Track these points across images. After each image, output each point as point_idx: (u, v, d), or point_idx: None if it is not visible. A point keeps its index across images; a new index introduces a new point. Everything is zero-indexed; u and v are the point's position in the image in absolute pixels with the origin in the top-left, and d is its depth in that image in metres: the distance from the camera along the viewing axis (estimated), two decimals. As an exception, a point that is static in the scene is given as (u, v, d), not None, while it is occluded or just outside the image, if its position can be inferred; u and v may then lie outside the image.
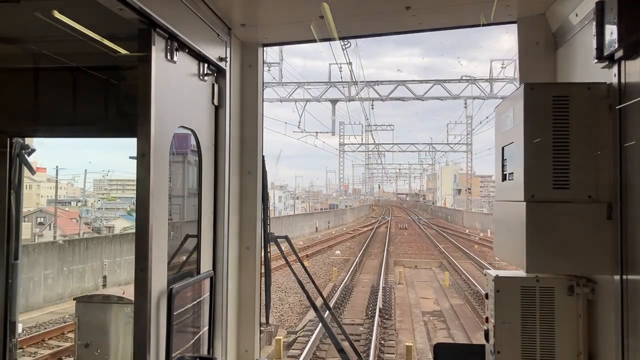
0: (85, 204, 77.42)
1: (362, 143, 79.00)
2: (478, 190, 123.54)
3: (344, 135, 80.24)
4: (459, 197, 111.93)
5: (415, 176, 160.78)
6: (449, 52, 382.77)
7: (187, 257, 3.26)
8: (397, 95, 36.84)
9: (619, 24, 2.29)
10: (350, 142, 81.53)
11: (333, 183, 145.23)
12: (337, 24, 3.46)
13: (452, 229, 61.01)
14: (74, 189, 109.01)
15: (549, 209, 2.57)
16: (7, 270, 4.50)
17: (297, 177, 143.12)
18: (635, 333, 2.24)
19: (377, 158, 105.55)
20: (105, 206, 79.43)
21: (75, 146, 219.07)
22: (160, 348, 2.61)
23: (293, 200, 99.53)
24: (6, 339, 4.50)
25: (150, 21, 2.52)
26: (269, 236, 3.86)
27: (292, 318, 18.60)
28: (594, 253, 2.52)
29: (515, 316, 2.76)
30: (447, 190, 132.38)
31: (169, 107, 2.74)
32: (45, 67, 4.41)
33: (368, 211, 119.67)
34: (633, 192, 2.31)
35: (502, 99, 3.28)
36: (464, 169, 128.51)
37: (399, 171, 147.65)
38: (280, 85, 36.68)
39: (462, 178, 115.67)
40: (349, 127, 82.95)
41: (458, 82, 36.77)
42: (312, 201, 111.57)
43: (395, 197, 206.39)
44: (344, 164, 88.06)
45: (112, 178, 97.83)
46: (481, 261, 29.68)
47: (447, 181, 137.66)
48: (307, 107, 38.36)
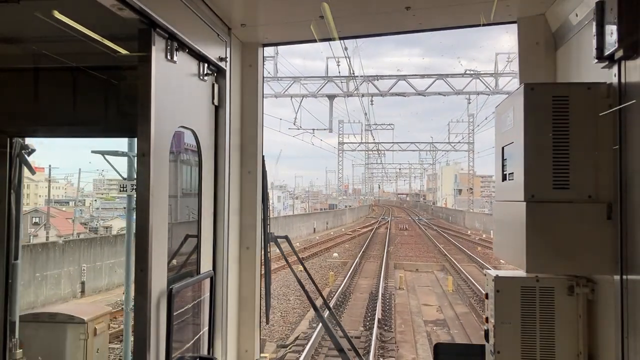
0: (83, 204, 76.99)
1: (362, 142, 77.76)
2: (479, 191, 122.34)
3: (342, 134, 79.07)
4: (459, 197, 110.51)
5: (415, 176, 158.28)
6: (449, 52, 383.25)
7: (187, 257, 3.26)
8: (397, 91, 35.32)
9: (619, 24, 2.29)
10: (350, 142, 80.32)
11: (333, 183, 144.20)
12: (337, 24, 3.46)
13: (454, 230, 59.61)
14: (73, 188, 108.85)
15: (549, 209, 2.57)
16: (7, 270, 4.50)
17: (296, 177, 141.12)
18: (635, 333, 2.24)
19: (376, 158, 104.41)
20: (103, 206, 79.06)
21: (74, 146, 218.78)
22: (160, 348, 2.61)
23: (292, 201, 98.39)
24: (6, 339, 4.51)
25: (150, 21, 2.52)
26: (269, 236, 3.86)
27: (283, 329, 17.47)
28: (594, 253, 2.52)
29: (515, 316, 2.76)
30: (447, 190, 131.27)
31: (169, 107, 2.74)
32: (45, 67, 4.41)
33: (368, 211, 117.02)
34: (633, 192, 2.31)
35: (507, 94, 3.28)
36: (464, 168, 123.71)
37: (399, 171, 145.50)
38: (275, 80, 35.18)
39: (463, 178, 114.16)
40: (348, 125, 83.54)
41: (461, 77, 34.94)
42: (311, 201, 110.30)
43: (395, 197, 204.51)
44: (343, 163, 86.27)
45: (111, 178, 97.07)
46: (485, 264, 28.51)
47: (448, 181, 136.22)
48: (305, 105, 37.67)
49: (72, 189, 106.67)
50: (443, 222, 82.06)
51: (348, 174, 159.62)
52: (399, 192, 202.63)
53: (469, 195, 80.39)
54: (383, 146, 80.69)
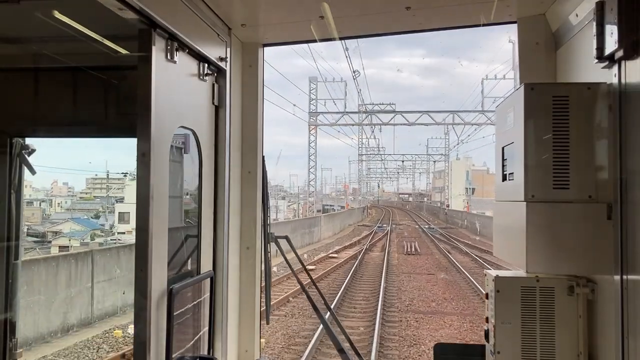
0: (51, 204, 74.54)
1: (345, 111, 53.26)
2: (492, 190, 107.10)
3: (316, 103, 54.57)
4: (473, 198, 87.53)
5: (421, 171, 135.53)
6: (449, 52, 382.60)
7: (187, 257, 3.26)
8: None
9: (619, 24, 2.29)
10: (329, 111, 54.67)
11: (329, 182, 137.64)
12: (337, 24, 3.46)
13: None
14: (59, 187, 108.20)
15: (549, 209, 2.57)
16: (7, 270, 4.50)
17: (291, 176, 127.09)
18: (635, 333, 2.24)
19: (374, 149, 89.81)
20: (74, 207, 76.08)
21: (74, 146, 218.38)
22: (160, 348, 2.61)
23: (275, 201, 67.01)
24: (6, 339, 4.51)
25: (150, 21, 2.52)
26: (269, 236, 3.86)
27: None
28: (594, 253, 2.53)
29: (515, 316, 2.76)
30: (458, 189, 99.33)
31: (169, 107, 2.74)
32: (45, 67, 4.41)
33: (360, 217, 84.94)
34: (633, 192, 2.31)
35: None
36: (476, 164, 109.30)
37: (402, 163, 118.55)
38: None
39: (476, 175, 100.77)
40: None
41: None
42: (302, 201, 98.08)
43: (396, 198, 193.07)
44: (317, 144, 57.98)
45: (101, 177, 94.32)
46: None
47: (458, 178, 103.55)
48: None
49: (58, 189, 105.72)
50: (466, 233, 54.71)
51: (345, 173, 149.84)
52: (401, 192, 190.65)
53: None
54: (379, 118, 51.71)
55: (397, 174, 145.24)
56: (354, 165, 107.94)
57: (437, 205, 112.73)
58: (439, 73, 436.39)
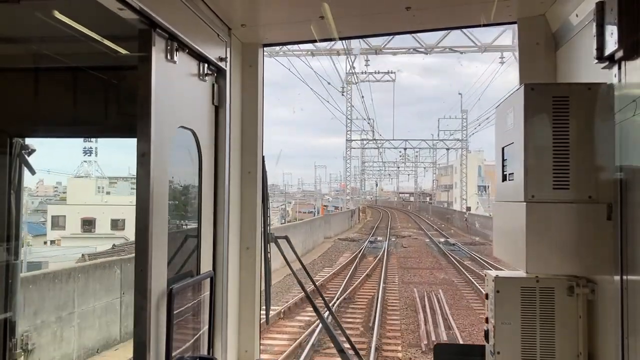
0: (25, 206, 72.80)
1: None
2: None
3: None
4: (486, 197, 75.55)
5: (426, 167, 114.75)
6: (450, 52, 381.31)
7: (187, 257, 3.26)
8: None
9: (619, 24, 2.29)
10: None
11: (324, 180, 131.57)
12: (338, 24, 3.46)
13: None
14: (45, 187, 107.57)
15: (549, 209, 2.58)
16: (7, 270, 4.50)
17: (284, 175, 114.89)
18: (635, 333, 2.24)
19: (373, 141, 77.32)
20: (40, 208, 73.26)
21: (72, 146, 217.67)
22: (160, 348, 2.61)
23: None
24: (6, 339, 4.51)
25: (150, 21, 2.52)
26: (269, 236, 3.86)
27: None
28: (594, 253, 2.53)
29: (515, 316, 2.76)
30: (470, 188, 79.17)
31: (169, 107, 2.74)
32: (45, 67, 4.41)
33: (346, 224, 60.71)
34: (633, 192, 2.31)
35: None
36: (487, 160, 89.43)
37: (402, 157, 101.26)
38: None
39: (489, 171, 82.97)
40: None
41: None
42: (299, 201, 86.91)
43: (396, 197, 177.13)
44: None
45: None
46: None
47: (470, 175, 79.52)
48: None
49: (43, 188, 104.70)
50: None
51: (341, 171, 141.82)
52: (401, 191, 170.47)
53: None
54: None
55: (397, 169, 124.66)
56: (352, 161, 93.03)
57: (443, 206, 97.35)
58: (441, 73, 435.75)
